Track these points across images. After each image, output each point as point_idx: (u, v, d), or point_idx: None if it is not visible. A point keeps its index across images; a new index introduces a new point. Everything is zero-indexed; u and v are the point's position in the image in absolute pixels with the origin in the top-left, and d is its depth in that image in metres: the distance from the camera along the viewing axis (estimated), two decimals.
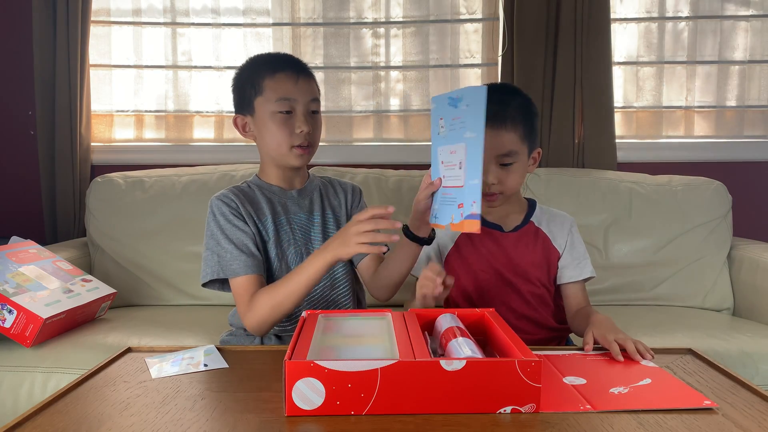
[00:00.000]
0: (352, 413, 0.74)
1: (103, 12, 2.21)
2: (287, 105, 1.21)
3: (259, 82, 1.23)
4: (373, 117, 2.26)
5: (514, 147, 1.19)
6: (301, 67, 1.25)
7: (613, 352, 0.96)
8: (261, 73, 1.23)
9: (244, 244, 1.20)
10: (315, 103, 1.25)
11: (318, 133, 1.26)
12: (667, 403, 0.78)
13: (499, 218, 1.28)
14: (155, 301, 1.89)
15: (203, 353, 0.99)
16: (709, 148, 2.23)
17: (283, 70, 1.22)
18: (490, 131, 1.11)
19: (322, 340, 0.88)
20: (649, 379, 0.86)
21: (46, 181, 2.15)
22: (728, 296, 1.87)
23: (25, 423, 0.73)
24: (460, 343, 0.83)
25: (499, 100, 1.17)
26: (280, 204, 1.28)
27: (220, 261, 1.19)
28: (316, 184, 1.35)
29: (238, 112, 1.28)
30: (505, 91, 1.24)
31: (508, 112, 1.18)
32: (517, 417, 0.74)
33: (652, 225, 1.89)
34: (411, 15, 2.23)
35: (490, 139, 1.14)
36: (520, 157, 1.20)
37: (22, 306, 1.34)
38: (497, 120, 1.16)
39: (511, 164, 1.19)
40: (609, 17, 2.09)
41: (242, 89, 1.26)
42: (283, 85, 1.21)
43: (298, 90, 1.21)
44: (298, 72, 1.23)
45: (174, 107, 2.26)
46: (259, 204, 1.27)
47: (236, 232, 1.21)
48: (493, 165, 1.19)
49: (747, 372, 1.34)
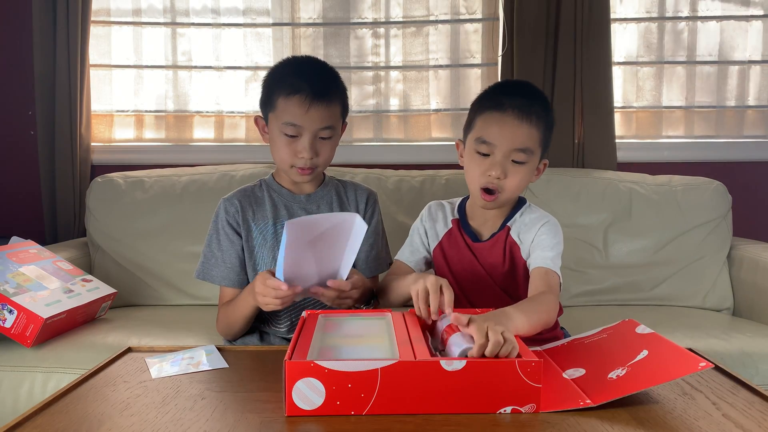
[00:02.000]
0: (352, 413, 0.74)
1: (103, 12, 2.21)
2: (293, 131, 1.19)
3: (274, 98, 1.21)
4: (373, 117, 2.26)
5: (532, 145, 1.12)
6: (320, 89, 1.18)
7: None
8: (278, 89, 1.20)
9: (230, 255, 1.26)
10: (326, 131, 1.21)
11: (326, 156, 1.24)
12: (665, 376, 0.78)
13: (482, 222, 1.24)
14: (155, 301, 1.89)
15: (204, 353, 0.99)
16: (709, 148, 2.23)
17: (298, 93, 1.17)
18: (513, 121, 1.10)
19: (322, 340, 0.88)
20: (645, 350, 0.86)
21: (46, 181, 2.15)
22: (728, 296, 1.87)
23: (25, 423, 0.73)
24: (462, 335, 0.83)
25: (522, 94, 1.14)
26: (286, 207, 1.28)
27: (206, 263, 1.28)
28: (329, 190, 1.32)
29: (262, 114, 1.28)
30: (529, 88, 1.19)
31: (533, 109, 1.12)
32: (517, 417, 0.74)
33: (652, 225, 1.89)
34: (411, 15, 2.23)
35: (510, 132, 1.11)
36: (532, 158, 1.14)
37: (23, 306, 1.34)
38: (522, 112, 1.11)
39: (522, 163, 1.13)
40: (609, 17, 2.09)
41: (263, 96, 1.26)
42: (292, 111, 1.18)
43: (308, 118, 1.18)
44: (313, 97, 1.17)
45: (174, 107, 2.26)
46: (263, 207, 1.28)
47: (226, 242, 1.26)
48: (504, 158, 1.12)
49: (747, 372, 1.34)
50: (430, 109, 2.25)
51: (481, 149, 1.14)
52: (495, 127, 1.12)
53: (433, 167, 2.06)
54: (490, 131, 1.13)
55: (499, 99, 1.14)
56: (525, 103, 1.12)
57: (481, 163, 1.14)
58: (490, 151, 1.13)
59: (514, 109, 1.11)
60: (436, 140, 2.25)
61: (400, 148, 2.25)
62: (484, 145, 1.13)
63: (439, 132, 2.26)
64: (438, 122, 2.26)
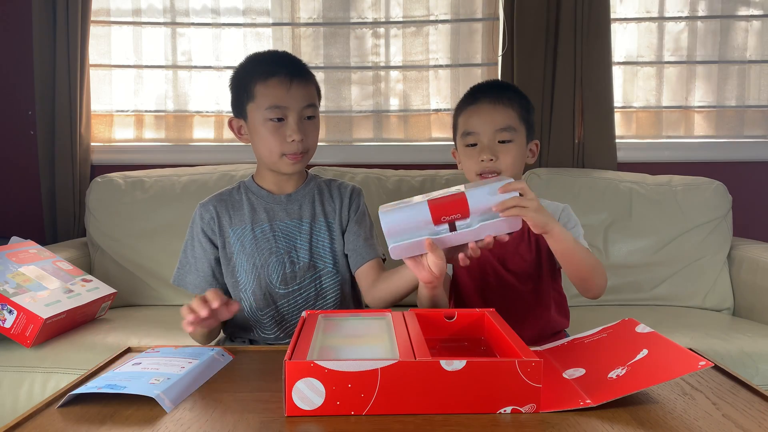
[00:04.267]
0: (352, 413, 0.74)
1: (103, 12, 2.21)
2: (279, 113, 1.17)
3: (251, 87, 1.19)
4: (373, 117, 2.26)
5: (512, 122, 1.20)
6: (296, 70, 1.20)
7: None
8: (253, 77, 1.19)
9: (202, 264, 1.26)
10: (310, 109, 1.20)
11: (313, 139, 1.23)
12: (664, 375, 0.78)
13: None
14: (155, 301, 1.89)
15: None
16: (709, 148, 2.23)
17: (275, 75, 1.17)
18: (488, 107, 1.20)
19: (322, 340, 0.88)
20: (645, 349, 0.86)
21: (46, 182, 2.15)
22: (728, 296, 1.87)
23: (25, 423, 0.73)
24: None
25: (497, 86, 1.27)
26: (266, 210, 1.26)
27: (181, 269, 1.28)
28: (311, 188, 1.30)
29: (234, 115, 1.26)
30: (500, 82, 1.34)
31: (504, 93, 1.23)
32: (517, 417, 0.74)
33: (652, 225, 1.89)
34: (411, 15, 2.23)
35: (489, 115, 1.20)
36: (518, 135, 1.21)
37: (23, 306, 1.35)
38: (494, 97, 1.21)
39: (509, 141, 1.20)
40: (609, 17, 2.09)
41: (236, 92, 1.24)
42: (274, 92, 1.17)
43: (290, 97, 1.17)
44: (291, 77, 1.17)
45: (174, 107, 2.26)
46: (240, 211, 1.26)
47: (199, 249, 1.26)
48: (491, 141, 1.20)
49: (747, 372, 1.34)
50: (430, 109, 2.25)
51: (468, 141, 1.22)
52: (473, 118, 1.22)
53: (433, 167, 2.06)
54: (470, 122, 1.22)
55: (473, 95, 1.25)
56: (496, 91, 1.23)
57: (472, 154, 1.21)
58: (476, 140, 1.21)
59: (486, 97, 1.22)
60: (436, 140, 2.26)
61: (400, 148, 2.26)
62: (470, 136, 1.22)
63: (439, 132, 2.26)
64: (438, 122, 2.26)
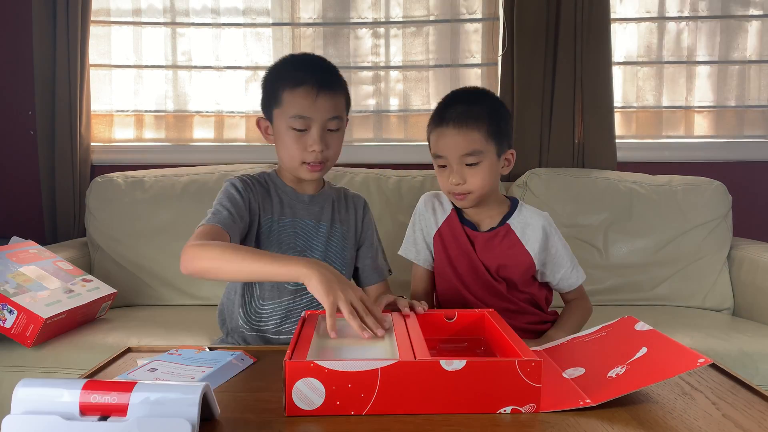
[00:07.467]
0: (352, 413, 0.74)
1: (103, 12, 2.21)
2: (302, 123, 1.17)
3: (279, 92, 1.18)
4: (373, 117, 2.26)
5: (478, 146, 1.19)
6: (325, 80, 1.18)
7: None
8: (282, 83, 1.18)
9: (233, 205, 1.17)
10: (334, 122, 1.19)
11: (335, 149, 1.22)
12: (663, 374, 0.78)
13: (477, 218, 1.29)
14: (155, 301, 1.89)
15: None
16: (709, 148, 2.23)
17: (303, 84, 1.16)
18: (453, 132, 1.19)
19: (322, 341, 0.88)
20: (645, 347, 0.86)
21: (46, 181, 2.15)
22: (728, 296, 1.87)
23: None
24: None
25: (463, 101, 1.23)
26: (290, 206, 1.26)
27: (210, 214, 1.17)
28: (329, 194, 1.31)
29: (263, 116, 1.26)
30: (471, 92, 1.27)
31: (471, 112, 1.20)
32: (517, 417, 0.74)
33: (652, 225, 1.89)
34: (411, 15, 2.23)
35: (453, 141, 1.19)
36: (486, 156, 1.20)
37: (23, 306, 1.35)
38: (459, 121, 1.19)
39: (476, 164, 1.20)
40: (609, 17, 2.09)
41: (265, 94, 1.23)
42: (300, 102, 1.16)
43: (315, 109, 1.16)
44: (319, 87, 1.16)
45: (174, 107, 2.26)
46: (269, 200, 1.25)
47: (236, 196, 1.19)
48: (458, 165, 1.20)
49: (747, 372, 1.34)
50: (430, 108, 2.24)
51: (438, 162, 1.24)
52: (440, 141, 1.22)
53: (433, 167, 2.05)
54: (438, 145, 1.23)
55: (441, 113, 1.23)
56: (463, 110, 1.20)
57: (442, 174, 1.24)
58: (445, 162, 1.22)
59: (451, 120, 1.20)
60: None
61: (400, 148, 2.26)
62: (439, 158, 1.23)
63: None
64: None
